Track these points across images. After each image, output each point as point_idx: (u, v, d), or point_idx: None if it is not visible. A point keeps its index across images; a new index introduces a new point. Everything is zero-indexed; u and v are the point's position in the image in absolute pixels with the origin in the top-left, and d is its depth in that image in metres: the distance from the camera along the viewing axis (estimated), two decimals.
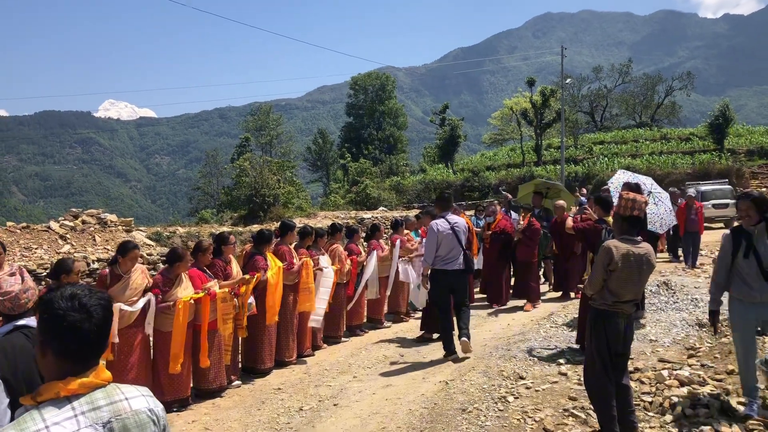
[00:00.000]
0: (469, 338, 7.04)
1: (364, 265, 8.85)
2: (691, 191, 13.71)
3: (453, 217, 7.24)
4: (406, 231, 9.71)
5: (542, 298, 10.48)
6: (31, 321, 2.53)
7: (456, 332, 7.17)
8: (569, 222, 7.53)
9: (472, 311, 9.67)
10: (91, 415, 1.66)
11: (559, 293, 10.57)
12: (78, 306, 1.70)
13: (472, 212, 13.44)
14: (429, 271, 7.18)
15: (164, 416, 1.87)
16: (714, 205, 20.49)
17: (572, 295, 10.28)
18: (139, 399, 1.80)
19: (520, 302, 10.13)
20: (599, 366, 4.40)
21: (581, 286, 9.61)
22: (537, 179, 14.33)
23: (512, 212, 11.61)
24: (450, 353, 6.97)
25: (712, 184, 22.83)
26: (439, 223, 7.08)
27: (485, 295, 10.48)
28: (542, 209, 11.33)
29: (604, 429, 4.39)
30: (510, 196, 14.84)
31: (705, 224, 20.03)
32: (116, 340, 5.38)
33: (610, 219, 6.26)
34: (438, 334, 7.63)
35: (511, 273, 10.81)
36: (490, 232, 10.30)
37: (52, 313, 1.69)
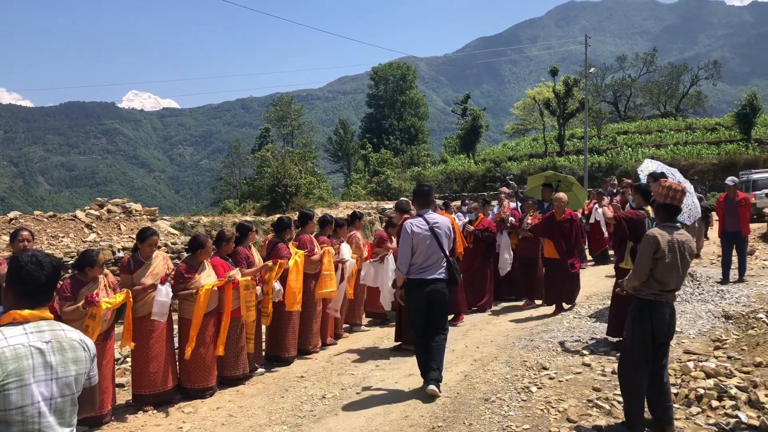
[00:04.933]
0: (439, 382, 5.53)
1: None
2: (731, 179, 10.63)
3: (433, 216, 5.85)
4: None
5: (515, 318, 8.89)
6: None
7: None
8: (608, 211, 7.13)
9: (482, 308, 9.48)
10: (36, 334, 2.28)
11: (552, 307, 8.87)
12: (35, 261, 2.37)
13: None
14: (402, 282, 5.77)
15: (93, 348, 2.49)
16: None
17: (565, 306, 8.87)
18: (73, 332, 2.43)
19: (519, 303, 9.65)
20: (639, 358, 4.33)
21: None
22: (548, 171, 13.96)
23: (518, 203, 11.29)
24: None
25: (767, 171, 21.31)
26: (415, 223, 5.69)
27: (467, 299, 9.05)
28: (551, 203, 10.99)
29: (630, 421, 4.35)
30: (515, 184, 14.59)
31: (758, 217, 17.22)
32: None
33: (650, 208, 6.19)
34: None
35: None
36: (473, 229, 9.30)
37: (17, 265, 2.36)
